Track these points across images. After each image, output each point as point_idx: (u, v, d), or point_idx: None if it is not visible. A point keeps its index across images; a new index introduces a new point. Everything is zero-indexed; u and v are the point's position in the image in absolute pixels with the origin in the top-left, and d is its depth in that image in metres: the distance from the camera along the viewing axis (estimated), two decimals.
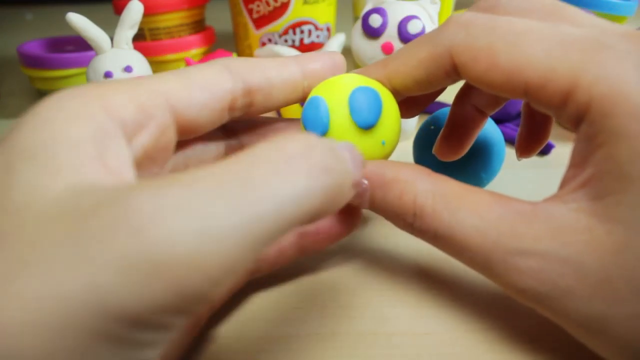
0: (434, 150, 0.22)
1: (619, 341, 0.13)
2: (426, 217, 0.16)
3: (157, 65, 0.40)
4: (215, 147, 0.19)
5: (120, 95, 0.14)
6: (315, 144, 0.12)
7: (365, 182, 0.17)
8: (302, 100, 0.19)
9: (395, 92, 0.18)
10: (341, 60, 0.20)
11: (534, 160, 0.30)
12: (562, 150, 0.31)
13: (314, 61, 0.19)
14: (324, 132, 0.17)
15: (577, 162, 0.14)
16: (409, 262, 0.21)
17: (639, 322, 0.13)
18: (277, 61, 0.18)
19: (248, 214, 0.10)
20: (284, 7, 0.38)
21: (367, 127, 0.17)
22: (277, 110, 0.36)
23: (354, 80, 0.18)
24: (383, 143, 0.18)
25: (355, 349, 0.17)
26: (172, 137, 0.15)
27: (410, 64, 0.17)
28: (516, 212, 0.14)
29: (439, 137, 0.22)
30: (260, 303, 0.19)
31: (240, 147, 0.20)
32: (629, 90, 0.12)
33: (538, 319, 0.18)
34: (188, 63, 0.33)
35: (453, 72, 0.16)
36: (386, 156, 0.18)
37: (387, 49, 0.28)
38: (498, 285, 0.15)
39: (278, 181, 0.11)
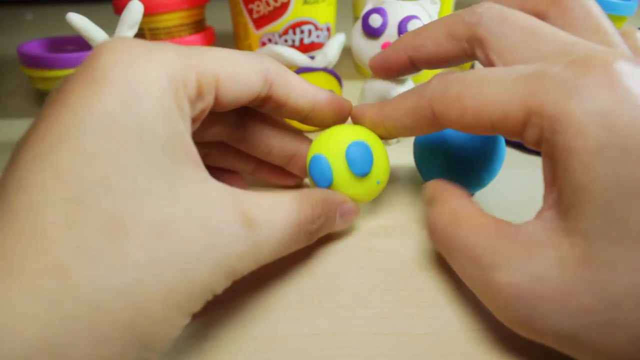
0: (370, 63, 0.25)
1: (594, 353, 0.14)
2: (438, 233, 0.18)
3: None
4: (221, 127, 0.22)
5: (191, 69, 0.16)
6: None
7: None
8: (301, 121, 0.22)
9: (388, 134, 0.22)
10: (349, 106, 0.23)
11: (534, 160, 0.30)
12: None
13: (327, 97, 0.22)
14: (329, 184, 0.21)
15: (548, 181, 0.15)
16: (409, 262, 0.21)
17: (606, 331, 0.13)
18: (301, 83, 0.21)
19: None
20: (284, 7, 0.38)
21: (363, 175, 0.21)
22: None
23: (348, 135, 0.21)
24: (378, 182, 0.22)
25: (355, 349, 0.17)
26: (199, 118, 0.17)
27: (400, 113, 0.20)
28: (503, 234, 0.16)
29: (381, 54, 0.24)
30: (260, 303, 0.19)
31: (242, 139, 0.23)
32: (570, 108, 0.14)
33: None
34: None
35: (433, 120, 0.19)
36: (380, 190, 0.23)
37: None
38: (486, 305, 0.16)
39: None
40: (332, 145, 0.21)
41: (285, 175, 0.26)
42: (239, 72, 0.17)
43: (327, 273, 0.21)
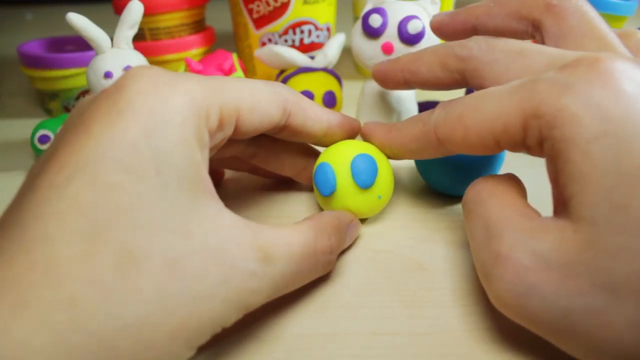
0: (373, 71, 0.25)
1: (582, 339, 0.14)
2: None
3: (157, 65, 0.40)
4: (235, 146, 0.23)
5: (214, 102, 0.16)
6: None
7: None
8: (314, 143, 0.23)
9: (395, 156, 0.23)
10: (358, 127, 0.24)
11: (534, 160, 0.30)
12: None
13: (339, 121, 0.23)
14: (331, 192, 0.22)
15: (553, 179, 0.15)
16: (409, 262, 0.21)
17: (601, 316, 0.13)
18: (315, 110, 0.22)
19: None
20: (284, 7, 0.38)
21: (366, 187, 0.22)
22: None
23: (356, 147, 0.22)
24: (379, 197, 0.22)
25: (355, 349, 0.17)
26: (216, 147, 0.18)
27: (406, 139, 0.21)
28: (521, 213, 0.16)
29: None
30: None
31: (254, 155, 0.24)
32: (565, 103, 0.14)
33: None
34: (188, 63, 0.33)
35: (439, 145, 0.19)
36: (382, 206, 0.23)
37: (387, 49, 0.28)
38: (484, 277, 0.16)
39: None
40: (338, 155, 0.22)
41: (292, 180, 0.27)
42: (259, 102, 0.18)
43: (327, 273, 0.21)
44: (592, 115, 0.14)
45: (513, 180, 0.19)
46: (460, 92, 0.38)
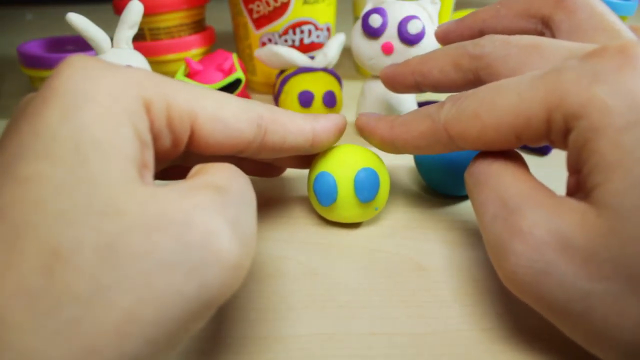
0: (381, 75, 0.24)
1: (598, 323, 0.13)
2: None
3: (157, 65, 0.40)
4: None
5: (160, 97, 0.14)
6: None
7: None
8: (306, 152, 0.21)
9: (397, 152, 0.21)
10: (344, 124, 0.22)
11: (534, 160, 0.30)
12: (562, 150, 0.31)
13: (323, 126, 0.21)
14: (331, 203, 0.22)
15: (572, 169, 0.15)
16: (409, 262, 0.21)
17: (620, 301, 0.13)
18: (296, 122, 0.19)
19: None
20: (284, 7, 0.38)
21: (366, 202, 0.22)
22: None
23: (359, 159, 0.22)
24: (376, 209, 0.23)
25: (355, 349, 0.17)
26: (171, 153, 0.16)
27: (413, 135, 0.20)
28: (540, 188, 0.16)
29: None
30: (260, 303, 0.19)
31: None
32: (593, 93, 0.14)
33: (538, 319, 0.18)
34: (188, 63, 0.33)
35: (449, 142, 0.18)
36: (376, 214, 0.23)
37: (387, 49, 0.28)
38: (496, 251, 0.16)
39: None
40: (341, 167, 0.22)
41: (269, 169, 0.25)
42: (225, 115, 0.16)
43: (327, 273, 0.21)
44: (623, 103, 0.13)
45: (521, 157, 0.18)
46: None
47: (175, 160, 0.17)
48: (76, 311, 0.10)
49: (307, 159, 0.24)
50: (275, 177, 0.26)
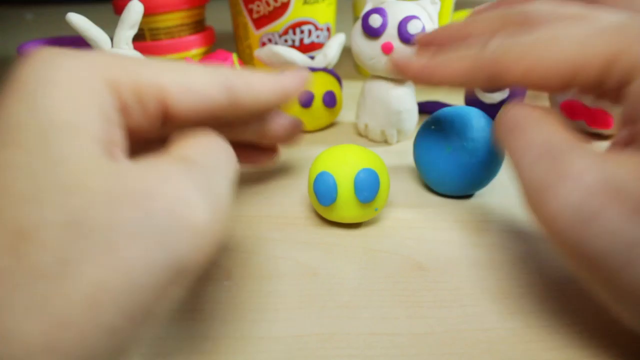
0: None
1: (637, 280, 0.13)
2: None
3: None
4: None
5: (125, 75, 0.14)
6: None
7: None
8: (277, 107, 0.21)
9: (432, 85, 0.21)
10: (308, 75, 0.22)
11: None
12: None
13: (289, 76, 0.21)
14: (331, 203, 0.22)
15: (628, 121, 0.15)
16: (409, 262, 0.21)
17: None
18: (265, 81, 0.19)
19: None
20: (284, 7, 0.38)
21: (366, 202, 0.22)
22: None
23: (360, 159, 0.22)
24: (376, 209, 0.23)
25: (355, 349, 0.17)
26: (149, 129, 0.16)
27: (453, 73, 0.20)
28: (581, 138, 0.15)
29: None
30: (260, 303, 0.19)
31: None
32: None
33: (538, 319, 0.18)
34: None
35: (493, 79, 0.18)
36: (374, 215, 0.23)
37: (387, 49, 0.28)
38: (541, 212, 0.15)
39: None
40: (341, 167, 0.22)
41: (259, 154, 0.25)
42: (193, 82, 0.16)
43: (327, 273, 0.21)
44: None
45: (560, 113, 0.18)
46: (459, 100, 0.38)
47: (161, 135, 0.17)
48: (46, 286, 0.11)
49: (292, 131, 0.24)
50: (270, 163, 0.25)
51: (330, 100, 0.33)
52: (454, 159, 0.24)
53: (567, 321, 0.18)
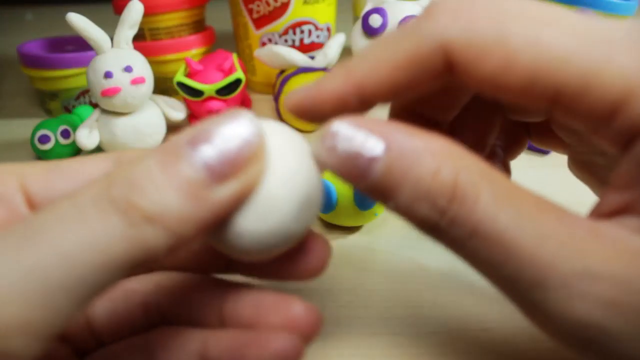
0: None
1: None
2: (467, 205, 0.11)
3: (157, 65, 0.40)
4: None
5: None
6: (114, 180, 0.11)
7: (376, 150, 0.11)
8: None
9: (364, 102, 0.13)
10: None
11: (534, 160, 0.30)
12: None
13: None
14: (330, 211, 0.22)
15: (626, 184, 0.12)
16: (409, 262, 0.21)
17: None
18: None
19: (27, 269, 0.10)
20: (284, 7, 0.38)
21: (365, 210, 0.22)
22: (277, 109, 0.36)
23: None
24: (376, 215, 0.23)
25: (355, 349, 0.17)
26: None
27: (386, 67, 0.13)
28: (583, 226, 0.11)
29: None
30: None
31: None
32: None
33: None
34: (188, 63, 0.33)
35: (446, 72, 0.12)
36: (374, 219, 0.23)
37: None
38: (535, 318, 0.12)
39: (62, 229, 0.10)
40: None
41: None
42: (54, 174, 0.14)
43: (327, 273, 0.21)
44: None
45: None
46: None
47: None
48: None
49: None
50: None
51: None
52: None
53: None
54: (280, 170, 0.12)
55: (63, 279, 0.10)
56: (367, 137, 0.12)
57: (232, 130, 0.11)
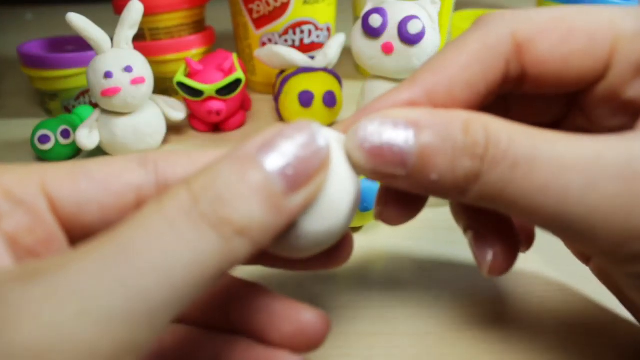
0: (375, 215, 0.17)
1: None
2: (503, 143, 0.12)
3: (157, 65, 0.40)
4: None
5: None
6: (198, 194, 0.11)
7: (407, 135, 0.12)
8: None
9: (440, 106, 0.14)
10: None
11: None
12: None
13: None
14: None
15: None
16: (409, 262, 0.21)
17: None
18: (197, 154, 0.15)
19: (132, 290, 0.09)
20: (284, 7, 0.38)
21: (365, 211, 0.22)
22: (277, 109, 0.36)
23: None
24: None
25: (355, 349, 0.17)
26: (54, 229, 0.13)
27: (457, 66, 0.14)
28: (601, 138, 0.12)
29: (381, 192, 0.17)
30: None
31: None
32: None
33: (537, 319, 0.18)
34: (188, 63, 0.33)
35: (514, 58, 0.14)
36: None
37: (387, 49, 0.28)
38: (584, 236, 0.12)
39: (158, 245, 0.10)
40: None
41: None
42: (78, 176, 0.13)
43: (327, 273, 0.21)
44: None
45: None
46: None
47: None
48: None
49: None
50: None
51: (330, 100, 0.33)
52: None
53: (567, 321, 0.18)
54: (337, 174, 0.13)
55: (166, 297, 0.10)
56: (394, 125, 0.12)
57: (305, 140, 0.12)
